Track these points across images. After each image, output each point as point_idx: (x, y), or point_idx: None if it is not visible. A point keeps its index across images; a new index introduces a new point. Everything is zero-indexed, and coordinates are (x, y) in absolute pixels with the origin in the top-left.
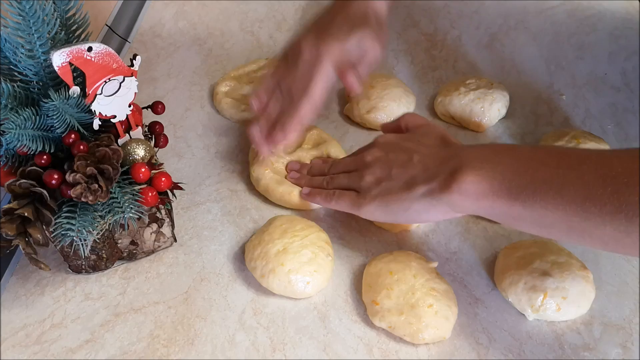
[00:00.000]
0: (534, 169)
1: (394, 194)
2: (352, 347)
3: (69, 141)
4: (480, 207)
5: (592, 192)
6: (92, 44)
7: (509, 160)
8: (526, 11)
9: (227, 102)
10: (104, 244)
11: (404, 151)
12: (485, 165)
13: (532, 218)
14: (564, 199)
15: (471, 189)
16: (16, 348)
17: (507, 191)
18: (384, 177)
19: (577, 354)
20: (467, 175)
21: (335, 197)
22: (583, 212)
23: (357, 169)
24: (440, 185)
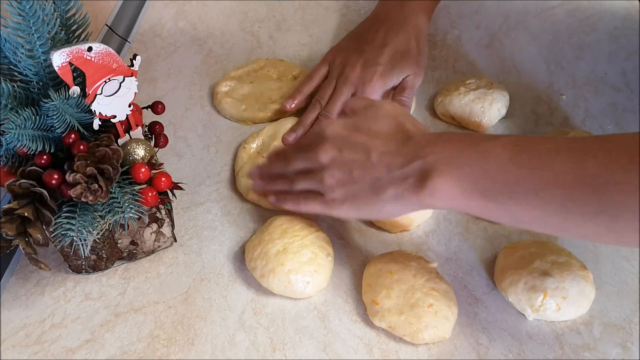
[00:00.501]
0: (505, 169)
1: (363, 197)
2: (352, 347)
3: (69, 141)
4: (453, 207)
5: (570, 193)
6: (92, 44)
7: (477, 158)
8: (526, 11)
9: (227, 102)
10: (104, 244)
11: (359, 148)
12: (454, 167)
13: (509, 217)
14: (541, 200)
15: (442, 192)
16: (16, 348)
17: (480, 193)
18: (345, 179)
19: (577, 354)
20: (437, 179)
21: (303, 202)
22: (563, 212)
23: (314, 169)
24: (410, 189)
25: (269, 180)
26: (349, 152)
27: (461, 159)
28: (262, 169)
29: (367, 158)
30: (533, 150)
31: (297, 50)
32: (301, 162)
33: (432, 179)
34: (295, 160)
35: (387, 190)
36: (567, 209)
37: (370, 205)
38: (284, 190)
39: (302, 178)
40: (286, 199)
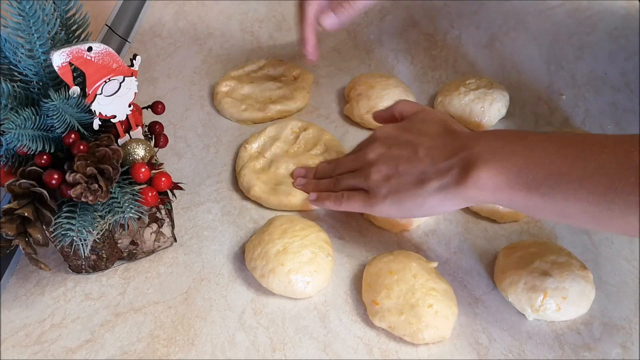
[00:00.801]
0: (551, 160)
1: (406, 191)
2: (352, 347)
3: (69, 141)
4: (497, 200)
5: (614, 183)
6: (92, 44)
7: (523, 150)
8: (526, 11)
9: (227, 102)
10: (104, 244)
11: (407, 145)
12: (498, 158)
13: (552, 209)
14: (585, 190)
15: (487, 183)
16: (16, 348)
17: (525, 184)
18: (391, 174)
19: (577, 354)
20: (481, 169)
21: (345, 199)
22: (606, 203)
23: (362, 167)
24: (454, 180)
25: (313, 180)
26: (396, 148)
27: (506, 150)
28: (308, 169)
29: (413, 153)
30: (579, 143)
31: (297, 50)
32: (349, 163)
33: (477, 170)
34: (344, 162)
35: (431, 182)
36: (610, 199)
37: (413, 198)
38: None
39: (348, 176)
40: (328, 197)
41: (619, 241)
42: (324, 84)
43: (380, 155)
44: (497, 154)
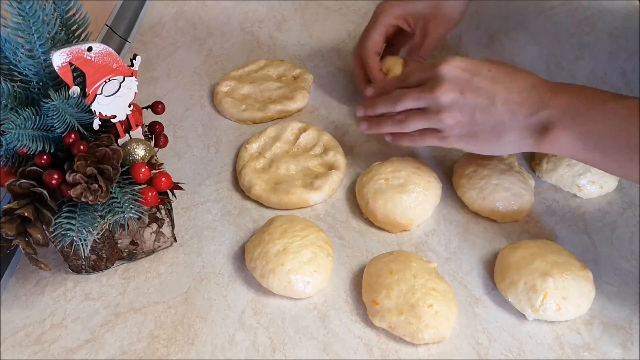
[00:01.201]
0: (628, 131)
1: (482, 136)
2: (352, 347)
3: (69, 141)
4: (570, 157)
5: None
6: (92, 44)
7: (599, 115)
8: (526, 11)
9: (227, 102)
10: (104, 244)
11: (482, 93)
12: (577, 122)
13: (623, 173)
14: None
15: (565, 146)
16: (16, 348)
17: (601, 150)
18: (466, 121)
19: (577, 354)
20: (560, 133)
21: (419, 138)
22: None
23: (430, 108)
24: (532, 138)
25: (376, 122)
26: (471, 95)
27: (586, 115)
28: (367, 110)
29: (490, 103)
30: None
31: (297, 50)
32: (413, 101)
33: (556, 131)
34: (406, 98)
35: (509, 134)
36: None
37: (488, 145)
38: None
39: (416, 118)
40: (402, 137)
41: (619, 241)
42: (324, 84)
43: (453, 102)
44: (577, 118)
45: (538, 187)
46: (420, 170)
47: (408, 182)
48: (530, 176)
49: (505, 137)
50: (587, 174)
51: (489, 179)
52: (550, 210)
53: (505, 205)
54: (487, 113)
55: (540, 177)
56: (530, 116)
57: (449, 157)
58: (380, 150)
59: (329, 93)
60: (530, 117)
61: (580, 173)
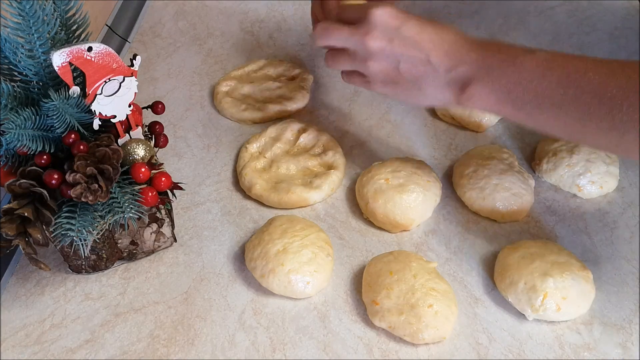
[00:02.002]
0: (537, 83)
1: (404, 89)
2: (352, 347)
3: (69, 141)
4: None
5: (589, 111)
6: (92, 44)
7: (513, 71)
8: (526, 11)
9: (227, 102)
10: (104, 244)
11: (408, 43)
12: (491, 77)
13: (535, 125)
14: (564, 113)
15: (479, 99)
16: (16, 348)
17: (512, 103)
18: (390, 70)
19: (577, 354)
20: (474, 88)
21: (346, 76)
22: (581, 127)
23: (358, 52)
24: (450, 94)
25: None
26: (398, 44)
27: (499, 70)
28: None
29: (415, 54)
30: (563, 68)
31: (297, 50)
32: (345, 40)
33: (472, 86)
34: (335, 35)
35: (429, 87)
36: (585, 122)
37: (408, 96)
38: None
39: (343, 59)
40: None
41: (619, 241)
42: (324, 84)
43: (380, 49)
44: (491, 73)
45: (538, 187)
46: (420, 170)
47: (408, 182)
48: (530, 176)
49: (425, 89)
50: (587, 174)
51: (489, 179)
52: (550, 210)
53: (505, 205)
54: (411, 64)
55: (540, 177)
56: (449, 71)
57: (449, 157)
58: (380, 150)
59: (329, 93)
60: (449, 72)
61: (580, 173)
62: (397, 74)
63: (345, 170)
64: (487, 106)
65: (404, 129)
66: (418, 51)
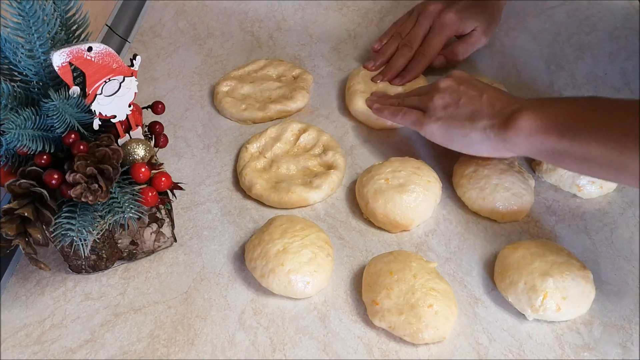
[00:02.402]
0: (581, 112)
1: (458, 120)
2: (352, 347)
3: (69, 141)
4: (532, 144)
5: (629, 130)
6: (92, 44)
7: (562, 105)
8: (526, 11)
9: (227, 102)
10: (104, 244)
11: (476, 87)
12: (540, 108)
13: (577, 153)
14: (605, 135)
15: (526, 126)
16: (16, 348)
17: (557, 129)
18: (451, 103)
19: (577, 354)
20: (523, 115)
21: (402, 112)
22: (620, 147)
23: (428, 92)
24: (500, 123)
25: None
26: (465, 86)
27: (547, 104)
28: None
29: (477, 95)
30: (608, 102)
31: (297, 50)
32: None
33: (521, 115)
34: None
35: (481, 120)
36: (624, 144)
37: (459, 128)
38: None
39: (414, 97)
40: (387, 108)
41: (619, 241)
42: (324, 84)
43: (448, 87)
44: (539, 106)
45: (538, 187)
46: (420, 170)
47: (408, 182)
48: (530, 176)
49: (477, 123)
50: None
51: (489, 179)
52: (550, 210)
53: (505, 205)
54: (471, 100)
55: (540, 177)
56: (505, 108)
57: (449, 157)
58: (380, 150)
59: (329, 93)
60: (504, 108)
61: None
62: (456, 107)
63: (345, 170)
64: (533, 133)
65: (404, 129)
66: (481, 93)
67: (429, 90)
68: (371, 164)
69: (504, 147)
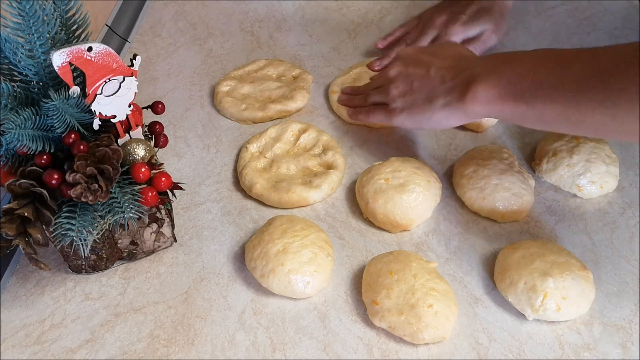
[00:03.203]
0: (534, 72)
1: (418, 106)
2: (352, 347)
3: (69, 141)
4: (490, 111)
5: (583, 85)
6: (92, 44)
7: (513, 67)
8: (526, 11)
9: (227, 102)
10: (104, 244)
11: (422, 64)
12: (493, 75)
13: (535, 115)
14: (560, 94)
15: (482, 96)
16: (16, 348)
17: (513, 95)
18: (406, 90)
19: (577, 354)
20: (478, 85)
21: (371, 112)
22: (576, 104)
23: (384, 84)
24: (457, 97)
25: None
26: (413, 67)
27: (499, 68)
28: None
29: (426, 72)
30: (558, 57)
31: (297, 50)
32: (377, 80)
33: (475, 85)
34: (374, 79)
35: (438, 98)
36: (579, 100)
37: (422, 113)
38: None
39: (374, 92)
40: (359, 112)
41: (619, 241)
42: (324, 84)
43: (398, 73)
44: (491, 72)
45: (538, 187)
46: (420, 170)
47: (408, 182)
48: (530, 176)
49: (436, 102)
50: (587, 174)
51: (489, 179)
52: (550, 210)
53: (505, 205)
54: (422, 81)
55: (540, 177)
56: (456, 77)
57: (449, 157)
58: (380, 150)
59: (329, 93)
60: (456, 78)
61: (580, 173)
62: (412, 93)
63: (345, 170)
64: (491, 103)
65: (403, 129)
66: (428, 68)
67: (384, 81)
68: (371, 164)
69: (467, 117)
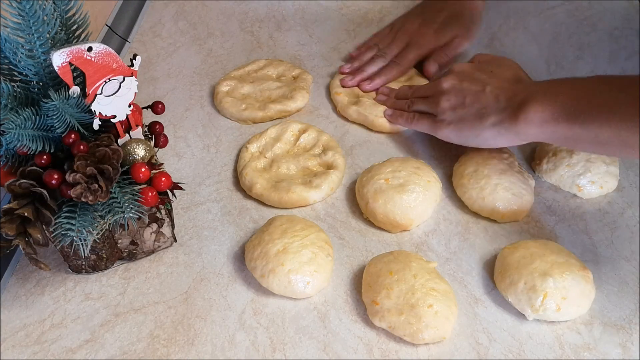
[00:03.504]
0: (590, 95)
1: (467, 122)
2: (352, 347)
3: (69, 141)
4: (543, 132)
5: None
6: (92, 44)
7: (568, 90)
8: (526, 11)
9: (227, 101)
10: (104, 244)
11: (478, 82)
12: (548, 97)
13: (590, 137)
14: (616, 116)
15: (536, 117)
16: (16, 348)
17: (567, 116)
18: (458, 104)
19: (577, 354)
20: (532, 106)
21: (415, 119)
22: (633, 127)
23: (434, 95)
24: (509, 117)
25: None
26: (467, 83)
27: (553, 91)
28: (392, 90)
29: (481, 89)
30: (614, 81)
31: (297, 50)
32: (425, 89)
33: (529, 106)
34: (422, 88)
35: (490, 116)
36: (636, 122)
37: (471, 129)
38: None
39: (421, 101)
40: (401, 115)
41: (619, 241)
42: (324, 84)
43: (452, 87)
44: (546, 94)
45: (538, 187)
46: (420, 170)
47: (408, 182)
48: (530, 176)
49: (486, 120)
50: (587, 174)
51: (489, 179)
52: (550, 210)
53: (505, 205)
54: (476, 97)
55: (540, 177)
56: (511, 99)
57: (449, 157)
58: (380, 150)
59: (329, 93)
60: (510, 100)
61: (580, 173)
62: (463, 107)
63: (345, 170)
64: (544, 124)
65: (404, 129)
66: (483, 86)
67: (435, 92)
68: (371, 164)
69: (518, 139)
